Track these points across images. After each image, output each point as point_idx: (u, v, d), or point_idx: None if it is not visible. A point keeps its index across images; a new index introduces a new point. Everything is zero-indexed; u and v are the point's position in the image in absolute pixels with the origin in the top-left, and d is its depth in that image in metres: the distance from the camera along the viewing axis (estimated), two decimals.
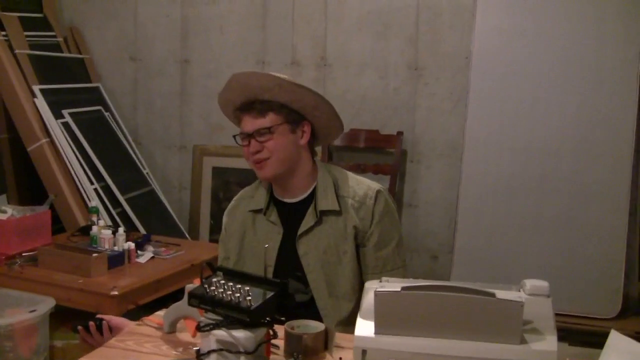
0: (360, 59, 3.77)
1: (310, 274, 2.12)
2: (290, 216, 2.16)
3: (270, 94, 2.05)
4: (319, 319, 1.96)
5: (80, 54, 4.19)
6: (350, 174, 2.22)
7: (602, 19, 3.22)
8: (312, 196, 2.15)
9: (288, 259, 2.13)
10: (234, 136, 2.14)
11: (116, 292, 2.82)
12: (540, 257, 3.26)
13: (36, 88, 3.68)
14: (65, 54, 4.10)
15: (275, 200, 2.19)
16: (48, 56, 3.94)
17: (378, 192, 2.15)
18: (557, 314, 3.05)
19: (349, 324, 1.99)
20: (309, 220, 2.12)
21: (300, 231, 2.12)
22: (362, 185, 2.17)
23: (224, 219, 2.32)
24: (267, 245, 1.69)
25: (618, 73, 3.21)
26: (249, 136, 2.07)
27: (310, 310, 2.11)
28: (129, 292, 2.88)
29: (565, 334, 3.08)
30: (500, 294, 1.48)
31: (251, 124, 2.07)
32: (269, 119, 2.06)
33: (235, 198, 2.31)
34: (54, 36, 4.07)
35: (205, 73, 4.10)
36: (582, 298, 3.22)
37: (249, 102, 2.08)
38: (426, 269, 3.71)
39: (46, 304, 2.86)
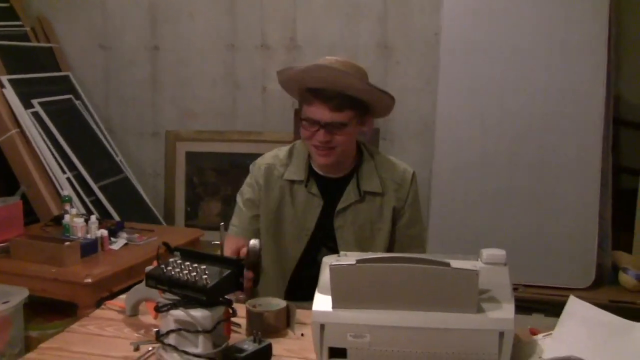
0: (330, 40, 3.75)
1: (342, 246, 2.20)
2: (330, 190, 2.25)
3: (356, 92, 2.09)
4: None
5: (49, 43, 4.15)
6: (386, 155, 2.36)
7: None
8: (352, 174, 2.25)
9: (324, 230, 2.25)
10: (302, 119, 2.15)
11: (90, 280, 2.81)
12: (514, 231, 3.28)
13: (4, 78, 3.63)
14: (33, 44, 4.05)
15: (314, 173, 2.27)
16: (15, 46, 3.89)
17: (414, 174, 2.32)
18: (532, 286, 3.13)
19: None
20: (349, 196, 2.24)
21: (339, 206, 2.23)
22: (399, 167, 2.32)
23: (256, 172, 2.30)
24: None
25: (586, 47, 3.21)
26: (319, 124, 2.10)
27: None
28: (103, 279, 2.88)
29: (541, 306, 3.13)
30: (456, 263, 1.48)
31: (326, 114, 2.08)
32: (345, 115, 2.09)
33: (265, 158, 2.32)
34: (22, 26, 4.02)
35: (176, 59, 4.08)
36: (556, 270, 3.26)
37: (329, 90, 2.07)
38: None
39: (19, 295, 2.84)
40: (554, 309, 2.99)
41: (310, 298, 1.91)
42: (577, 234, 3.22)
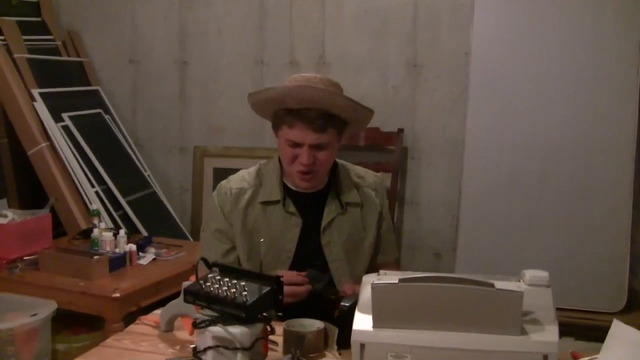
0: (359, 58, 3.75)
1: (332, 262, 2.15)
2: (307, 206, 2.16)
3: (339, 111, 2.03)
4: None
5: (79, 57, 4.18)
6: (353, 165, 2.31)
7: (601, 14, 3.19)
8: (329, 187, 2.18)
9: (307, 248, 2.15)
10: (285, 140, 2.05)
11: (118, 295, 2.81)
12: (544, 253, 3.23)
13: (35, 92, 3.67)
14: (64, 58, 4.09)
15: (289, 190, 2.18)
16: (47, 60, 3.93)
17: (382, 178, 2.32)
18: (562, 309, 3.08)
19: None
20: (331, 210, 2.16)
21: (324, 222, 2.15)
22: (369, 173, 2.30)
23: (223, 199, 2.17)
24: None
25: (618, 68, 3.18)
26: (302, 146, 2.03)
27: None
28: (130, 294, 2.88)
29: (571, 329, 3.06)
30: (500, 284, 1.46)
31: (310, 136, 2.01)
32: (328, 135, 2.03)
33: (231, 182, 2.19)
34: (53, 40, 4.05)
35: (204, 74, 4.08)
36: (587, 293, 3.20)
37: (311, 111, 2.00)
38: (429, 267, 3.68)
39: (47, 308, 2.85)
40: (585, 333, 2.97)
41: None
42: (609, 257, 3.18)
